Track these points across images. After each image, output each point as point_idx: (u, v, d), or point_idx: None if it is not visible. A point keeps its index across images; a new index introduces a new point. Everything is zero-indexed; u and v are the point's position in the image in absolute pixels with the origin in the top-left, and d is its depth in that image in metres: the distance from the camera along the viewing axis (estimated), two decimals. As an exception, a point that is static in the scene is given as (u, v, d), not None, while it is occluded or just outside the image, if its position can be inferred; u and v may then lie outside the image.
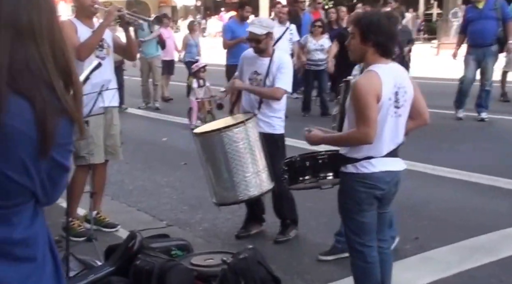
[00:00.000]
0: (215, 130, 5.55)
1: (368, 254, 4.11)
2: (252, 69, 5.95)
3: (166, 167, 9.04)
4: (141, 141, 11.30)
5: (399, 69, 4.05)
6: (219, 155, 5.51)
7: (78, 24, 5.92)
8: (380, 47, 3.90)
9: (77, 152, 5.86)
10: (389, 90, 3.85)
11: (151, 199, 7.58)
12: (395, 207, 6.64)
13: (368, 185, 3.97)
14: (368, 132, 3.81)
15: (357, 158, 3.96)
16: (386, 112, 3.87)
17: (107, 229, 6.29)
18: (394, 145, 4.01)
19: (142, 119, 13.73)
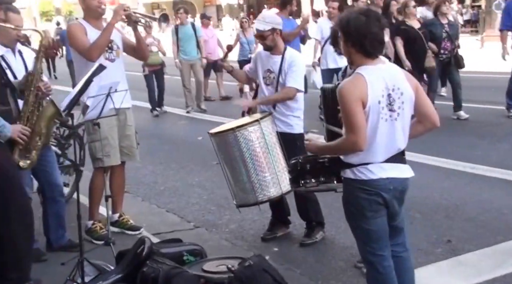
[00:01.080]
0: (229, 130, 5.43)
1: (379, 263, 3.85)
2: (265, 67, 5.82)
3: (199, 166, 8.95)
4: (178, 140, 11.34)
5: (391, 70, 3.78)
6: (235, 154, 5.40)
7: (87, 25, 5.87)
8: (361, 48, 3.68)
9: (93, 154, 5.81)
10: (377, 93, 3.61)
11: (181, 199, 7.51)
12: (429, 208, 6.54)
13: (369, 191, 3.72)
14: (356, 140, 3.59)
15: (353, 163, 3.75)
16: (377, 117, 3.63)
17: (131, 232, 6.19)
18: (393, 151, 3.75)
19: (181, 118, 13.66)
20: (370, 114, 3.59)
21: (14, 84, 4.95)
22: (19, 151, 4.79)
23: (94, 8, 5.84)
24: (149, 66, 13.76)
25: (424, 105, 3.83)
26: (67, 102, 4.97)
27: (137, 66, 12.76)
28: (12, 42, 5.32)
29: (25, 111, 4.88)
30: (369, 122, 3.61)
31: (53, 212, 5.60)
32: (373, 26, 3.65)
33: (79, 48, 5.78)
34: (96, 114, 5.25)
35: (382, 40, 3.71)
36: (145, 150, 10.05)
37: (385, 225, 3.84)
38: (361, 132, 3.57)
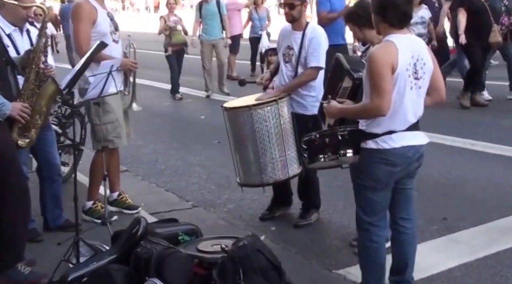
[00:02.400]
0: (245, 107, 5.37)
1: (374, 232, 3.97)
2: (286, 43, 5.69)
3: (201, 145, 8.95)
4: (180, 119, 11.34)
5: (417, 40, 3.90)
6: (246, 133, 5.35)
7: (98, 7, 5.72)
8: (384, 18, 3.77)
9: (105, 135, 5.71)
10: (406, 60, 3.70)
11: (181, 179, 7.52)
12: (428, 186, 6.53)
13: (388, 161, 3.81)
14: (381, 104, 3.64)
15: (378, 133, 3.80)
16: (404, 84, 3.71)
17: (129, 211, 6.18)
18: (415, 118, 3.86)
19: (185, 97, 13.56)
20: (398, 81, 3.68)
21: (15, 60, 4.90)
22: (18, 130, 4.75)
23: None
24: (173, 46, 13.18)
25: (437, 79, 3.95)
26: (67, 81, 4.92)
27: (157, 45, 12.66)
28: (21, 21, 5.27)
29: (25, 88, 4.83)
30: (397, 89, 3.70)
31: (50, 191, 5.60)
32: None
33: (78, 38, 5.64)
34: (97, 94, 5.18)
35: (407, 13, 3.78)
36: (147, 129, 10.15)
37: (388, 198, 3.98)
38: (387, 97, 3.64)
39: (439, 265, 4.80)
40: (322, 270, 4.86)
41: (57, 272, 4.45)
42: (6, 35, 5.09)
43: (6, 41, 5.03)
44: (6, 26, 5.14)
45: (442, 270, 4.72)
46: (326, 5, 9.43)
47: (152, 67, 16.50)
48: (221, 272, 3.86)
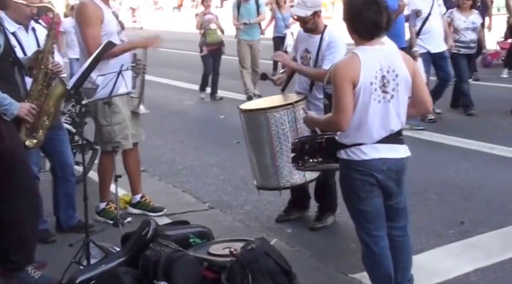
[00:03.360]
0: (260, 109, 5.34)
1: (374, 243, 3.85)
2: (303, 46, 5.69)
3: (219, 146, 8.92)
4: (200, 119, 11.33)
5: (388, 51, 3.75)
6: (262, 135, 5.31)
7: (101, 4, 5.67)
8: (354, 29, 3.71)
9: (112, 137, 5.69)
10: (370, 74, 3.60)
11: (198, 179, 7.49)
12: (445, 189, 6.45)
13: (361, 172, 3.71)
14: (339, 118, 3.64)
15: (346, 144, 3.75)
16: (368, 97, 3.62)
17: (152, 213, 6.09)
18: (385, 132, 3.72)
19: (206, 96, 13.44)
20: (361, 95, 3.60)
21: (23, 61, 4.88)
22: (25, 130, 4.73)
23: None
24: (208, 46, 12.79)
25: (419, 89, 3.83)
26: (74, 80, 4.90)
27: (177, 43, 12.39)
28: (25, 19, 5.23)
29: (33, 89, 4.82)
30: (360, 103, 3.62)
31: (64, 191, 5.59)
32: (367, 9, 3.63)
33: (89, 38, 5.56)
34: (107, 93, 5.15)
35: (377, 24, 3.66)
36: (165, 128, 10.17)
37: (380, 205, 3.83)
38: (345, 113, 3.60)
39: (456, 269, 4.72)
40: (337, 274, 4.81)
41: (67, 274, 4.44)
42: (10, 33, 5.03)
43: (13, 42, 4.99)
44: (10, 25, 5.08)
45: (459, 274, 4.64)
46: None
47: (172, 65, 16.55)
48: (229, 276, 3.83)
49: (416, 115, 3.97)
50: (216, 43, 12.79)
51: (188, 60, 19.54)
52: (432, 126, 8.95)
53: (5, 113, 4.40)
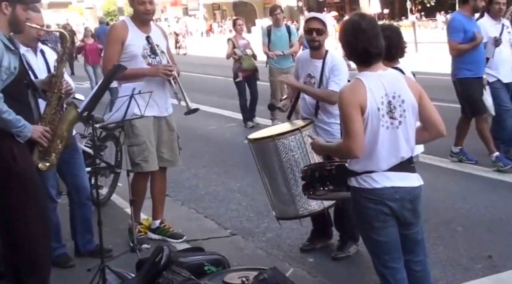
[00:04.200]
0: (269, 137, 5.29)
1: (391, 276, 3.72)
2: (306, 72, 5.65)
3: (242, 171, 8.84)
4: (223, 143, 11.31)
5: (392, 76, 3.69)
6: (274, 164, 5.25)
7: (132, 27, 5.78)
8: (351, 55, 3.67)
9: (132, 158, 5.74)
10: (377, 100, 3.54)
11: (220, 205, 7.44)
12: (472, 221, 6.31)
13: (374, 201, 3.62)
14: (351, 145, 3.55)
15: (357, 171, 3.66)
16: (377, 124, 3.55)
17: (172, 240, 6.03)
18: (396, 159, 3.64)
19: (228, 121, 13.56)
20: (369, 121, 3.54)
21: (36, 84, 4.89)
22: (38, 153, 4.73)
23: (140, 13, 5.78)
24: (243, 71, 12.25)
25: (429, 113, 3.74)
26: (85, 103, 4.94)
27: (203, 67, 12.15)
28: (32, 41, 5.28)
29: (47, 112, 4.83)
30: (369, 129, 3.55)
31: (80, 215, 5.57)
32: (355, 39, 3.59)
33: (104, 58, 5.79)
34: (120, 116, 5.19)
35: (369, 52, 3.60)
36: (190, 152, 10.11)
37: (395, 236, 3.71)
38: (357, 139, 3.53)
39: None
40: (358, 305, 4.70)
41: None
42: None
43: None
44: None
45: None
46: (458, 35, 8.20)
47: (198, 89, 16.54)
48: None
49: (429, 140, 3.88)
50: (251, 69, 12.35)
51: (216, 85, 19.67)
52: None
53: (18, 135, 4.41)
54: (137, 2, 5.72)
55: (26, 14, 4.62)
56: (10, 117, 4.30)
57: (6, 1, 4.44)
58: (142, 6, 5.71)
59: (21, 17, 4.54)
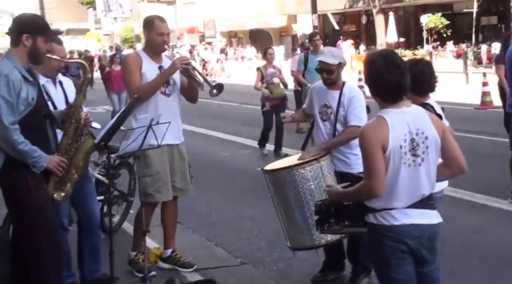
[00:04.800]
0: (286, 168, 5.23)
1: None
2: (322, 102, 5.60)
3: (254, 199, 8.74)
4: (236, 170, 11.22)
5: (416, 113, 3.63)
6: (290, 194, 5.19)
7: (145, 57, 5.80)
8: (377, 92, 3.62)
9: (144, 189, 5.70)
10: (399, 137, 3.49)
11: (231, 233, 7.38)
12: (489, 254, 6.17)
13: (392, 238, 3.54)
14: (373, 185, 3.49)
15: (375, 208, 3.59)
16: (399, 161, 3.50)
17: (183, 269, 5.96)
18: (416, 197, 3.58)
19: (242, 147, 13.48)
20: (391, 159, 3.48)
21: (55, 115, 4.92)
22: (54, 183, 4.73)
23: (157, 44, 5.77)
24: (271, 100, 11.98)
25: (451, 150, 3.69)
26: (102, 134, 4.96)
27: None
28: (53, 72, 5.32)
29: (64, 142, 4.85)
30: (390, 167, 3.49)
31: (89, 244, 5.48)
32: (389, 72, 3.53)
33: (129, 86, 5.79)
34: (137, 147, 5.19)
35: (401, 86, 3.57)
36: (202, 179, 9.97)
37: (412, 274, 3.63)
38: (379, 178, 3.46)
39: None
40: None
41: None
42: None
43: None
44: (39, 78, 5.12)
45: None
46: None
47: (211, 115, 16.52)
48: None
49: (450, 177, 3.83)
50: (279, 98, 12.04)
51: (230, 111, 19.69)
52: (475, 186, 8.65)
53: (34, 165, 4.45)
54: (155, 33, 5.73)
55: (47, 46, 4.69)
56: (26, 148, 4.37)
57: (27, 33, 4.51)
58: (160, 37, 5.73)
59: (41, 49, 4.61)
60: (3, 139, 4.36)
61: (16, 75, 4.42)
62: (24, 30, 4.54)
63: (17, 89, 4.38)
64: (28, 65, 4.60)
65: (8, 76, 4.37)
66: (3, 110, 4.32)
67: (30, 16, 4.82)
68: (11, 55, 4.56)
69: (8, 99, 4.34)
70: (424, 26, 38.11)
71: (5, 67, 4.44)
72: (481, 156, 9.93)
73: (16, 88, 4.38)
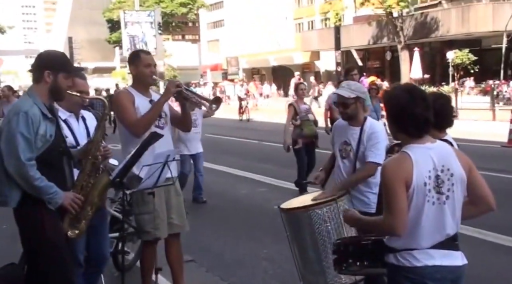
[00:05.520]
0: (302, 207, 5.07)
1: None
2: (342, 139, 5.49)
3: (270, 238, 8.61)
4: (253, 208, 11.06)
5: (441, 149, 3.51)
6: (306, 234, 5.04)
7: (135, 93, 5.76)
8: (402, 128, 3.50)
9: (142, 226, 5.64)
10: (424, 174, 3.36)
11: (246, 273, 7.22)
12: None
13: (413, 280, 3.40)
14: (394, 223, 3.35)
15: (396, 248, 3.46)
16: (422, 199, 3.36)
17: None
18: (441, 236, 3.43)
19: (260, 185, 13.29)
20: (414, 196, 3.35)
21: (74, 153, 4.91)
22: (69, 220, 4.68)
23: (146, 76, 5.75)
24: (304, 138, 11.42)
25: (478, 187, 3.55)
26: (117, 171, 4.93)
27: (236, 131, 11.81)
28: (76, 107, 5.36)
29: (80, 179, 4.81)
30: (413, 205, 3.36)
31: (90, 281, 5.38)
32: (416, 106, 3.43)
33: (125, 121, 5.67)
34: (152, 183, 5.12)
35: (427, 121, 3.47)
36: (218, 216, 10.01)
37: None
38: (401, 216, 3.33)
39: None
40: None
41: None
42: (62, 120, 5.14)
43: (65, 130, 5.07)
44: (61, 112, 5.21)
45: None
46: None
47: (228, 152, 16.43)
48: None
49: (477, 215, 3.67)
50: (312, 136, 11.53)
51: (247, 148, 19.52)
52: (498, 227, 8.39)
53: (50, 202, 4.44)
54: (143, 66, 5.73)
55: (68, 82, 4.70)
56: (42, 184, 4.40)
57: (49, 69, 4.55)
58: (148, 69, 5.74)
59: (62, 85, 4.64)
60: (19, 175, 4.37)
61: (35, 111, 4.45)
62: (46, 66, 4.59)
63: (35, 126, 4.41)
64: (48, 102, 4.64)
65: (28, 113, 4.41)
66: (21, 146, 4.35)
67: (52, 53, 4.86)
68: (32, 92, 4.61)
69: (27, 136, 4.37)
70: (450, 62, 37.96)
71: (25, 104, 4.49)
72: (507, 196, 9.63)
73: (35, 125, 4.41)
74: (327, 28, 52.38)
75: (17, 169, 4.36)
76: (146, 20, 58.51)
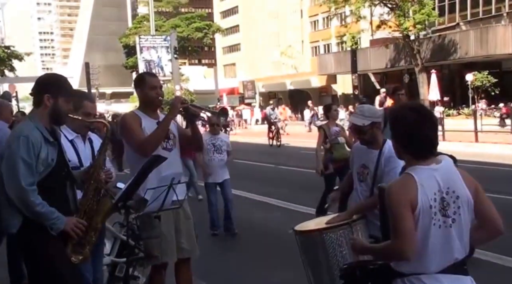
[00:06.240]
0: (316, 230, 4.90)
1: None
2: (360, 162, 5.34)
3: (283, 264, 8.38)
4: (267, 233, 10.83)
5: (447, 170, 3.35)
6: (320, 258, 4.84)
7: (142, 115, 5.65)
8: (408, 148, 3.38)
9: (149, 251, 5.51)
10: (429, 196, 3.23)
11: (258, 300, 6.94)
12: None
13: None
14: (402, 247, 3.21)
15: (404, 272, 3.32)
16: (428, 222, 3.24)
17: None
18: (448, 261, 3.30)
19: (275, 210, 13.05)
20: (420, 220, 3.23)
21: (76, 175, 4.81)
22: (72, 246, 4.56)
23: (151, 99, 5.64)
24: (334, 162, 10.60)
25: (485, 209, 3.41)
26: (120, 194, 4.82)
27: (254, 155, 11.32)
28: (83, 129, 5.33)
29: (83, 204, 4.73)
30: (419, 228, 3.24)
31: None
32: (424, 127, 3.33)
33: (132, 142, 5.53)
34: (158, 207, 5.00)
35: (433, 142, 3.36)
36: (232, 242, 9.76)
37: None
38: (409, 239, 3.20)
39: None
40: None
41: None
42: (69, 141, 5.13)
43: (71, 150, 5.07)
44: (68, 133, 5.20)
45: None
46: None
47: (243, 176, 16.28)
48: None
49: (488, 239, 3.51)
50: (344, 159, 10.19)
51: (262, 172, 19.47)
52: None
53: (51, 228, 4.36)
54: (148, 88, 5.64)
55: (69, 106, 4.64)
56: (43, 209, 4.32)
57: (49, 93, 4.51)
58: (154, 90, 5.64)
59: (62, 109, 4.58)
60: (20, 200, 4.30)
61: (36, 135, 4.39)
62: (46, 90, 4.55)
63: (36, 150, 4.35)
64: (50, 125, 4.57)
65: (28, 137, 4.35)
66: (22, 171, 4.28)
67: (51, 77, 4.81)
68: (33, 116, 4.57)
69: (27, 161, 4.31)
70: (469, 85, 37.64)
71: (26, 128, 4.44)
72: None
73: (36, 149, 4.35)
74: (344, 51, 52.47)
75: (17, 194, 4.28)
76: (162, 45, 58.96)
